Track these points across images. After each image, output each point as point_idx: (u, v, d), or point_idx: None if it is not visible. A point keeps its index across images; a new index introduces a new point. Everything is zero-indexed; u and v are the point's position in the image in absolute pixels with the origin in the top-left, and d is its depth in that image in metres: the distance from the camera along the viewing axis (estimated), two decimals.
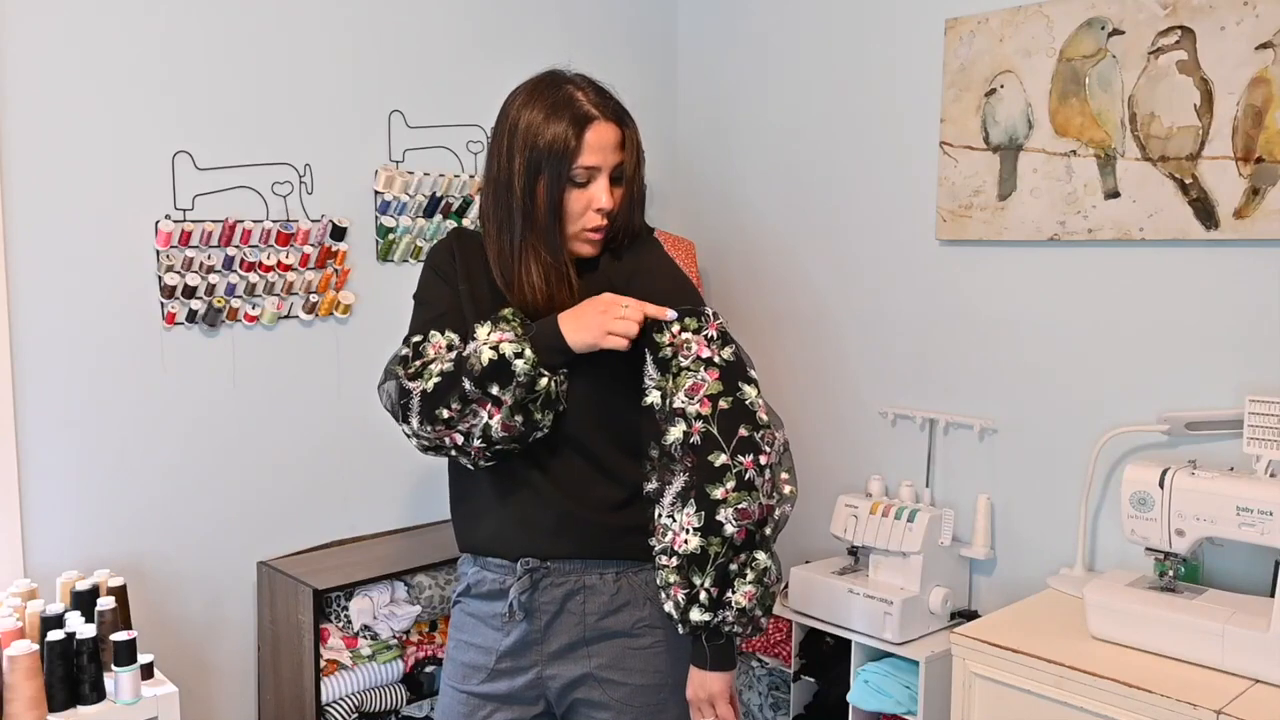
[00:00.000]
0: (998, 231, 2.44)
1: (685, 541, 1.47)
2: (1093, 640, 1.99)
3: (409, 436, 1.57)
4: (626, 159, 1.55)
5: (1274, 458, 1.91)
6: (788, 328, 2.92)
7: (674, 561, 1.48)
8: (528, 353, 1.48)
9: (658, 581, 1.53)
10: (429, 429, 1.52)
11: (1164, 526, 1.95)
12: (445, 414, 1.50)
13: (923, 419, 2.62)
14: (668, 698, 1.60)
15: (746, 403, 1.50)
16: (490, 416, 1.49)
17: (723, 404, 1.48)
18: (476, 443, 1.51)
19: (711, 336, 1.52)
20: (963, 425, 2.55)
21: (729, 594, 1.47)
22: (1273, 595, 1.83)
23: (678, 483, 1.50)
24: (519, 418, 1.49)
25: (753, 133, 2.97)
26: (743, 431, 1.48)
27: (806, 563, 2.63)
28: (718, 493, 1.46)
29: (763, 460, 1.48)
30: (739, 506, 1.46)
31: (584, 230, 1.55)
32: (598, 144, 1.51)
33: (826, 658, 2.52)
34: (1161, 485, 1.95)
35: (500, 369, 1.47)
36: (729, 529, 1.46)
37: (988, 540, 2.49)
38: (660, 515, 1.52)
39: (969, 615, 2.47)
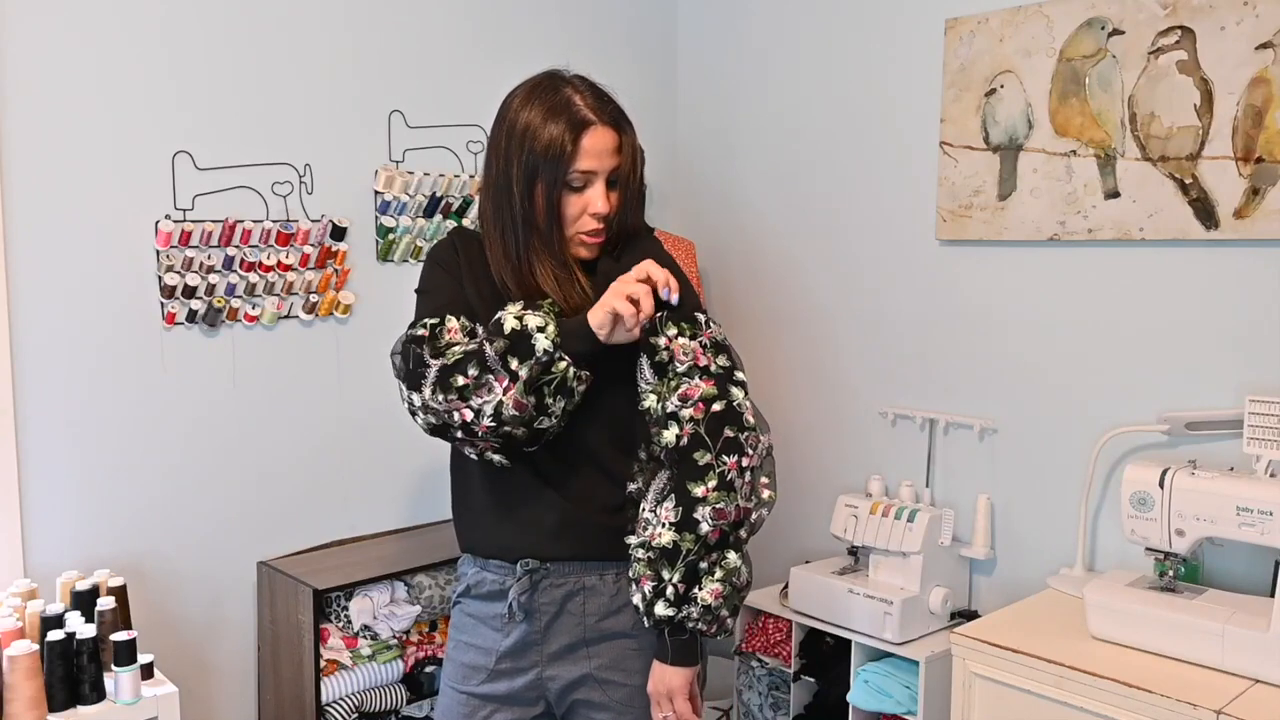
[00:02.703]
0: (998, 231, 2.44)
1: (659, 535, 1.48)
2: (1093, 640, 1.99)
3: (415, 413, 1.55)
4: (623, 163, 1.55)
5: (1274, 458, 1.91)
6: (788, 327, 2.92)
7: (647, 555, 1.50)
8: (550, 327, 1.47)
9: (630, 574, 1.54)
10: (441, 398, 1.49)
11: (1164, 526, 1.95)
12: (460, 381, 1.48)
13: (923, 419, 2.62)
14: None
15: (734, 404, 1.51)
16: (505, 392, 1.47)
17: (714, 406, 1.50)
18: (486, 421, 1.48)
19: (706, 344, 1.53)
20: (963, 425, 2.55)
21: (695, 590, 1.49)
22: (1273, 595, 1.83)
23: (660, 480, 1.52)
24: (531, 398, 1.47)
25: (753, 133, 2.97)
26: (728, 433, 1.49)
27: (806, 563, 2.63)
28: (698, 490, 1.47)
29: (745, 462, 1.49)
30: (717, 506, 1.47)
31: (580, 234, 1.55)
32: (594, 149, 1.51)
33: (826, 658, 2.52)
34: (1161, 485, 1.95)
35: (520, 340, 1.47)
36: (704, 527, 1.47)
37: (988, 540, 2.49)
38: (644, 511, 1.54)
39: (969, 615, 2.47)
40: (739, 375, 1.54)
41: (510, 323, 1.48)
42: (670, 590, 1.48)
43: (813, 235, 2.84)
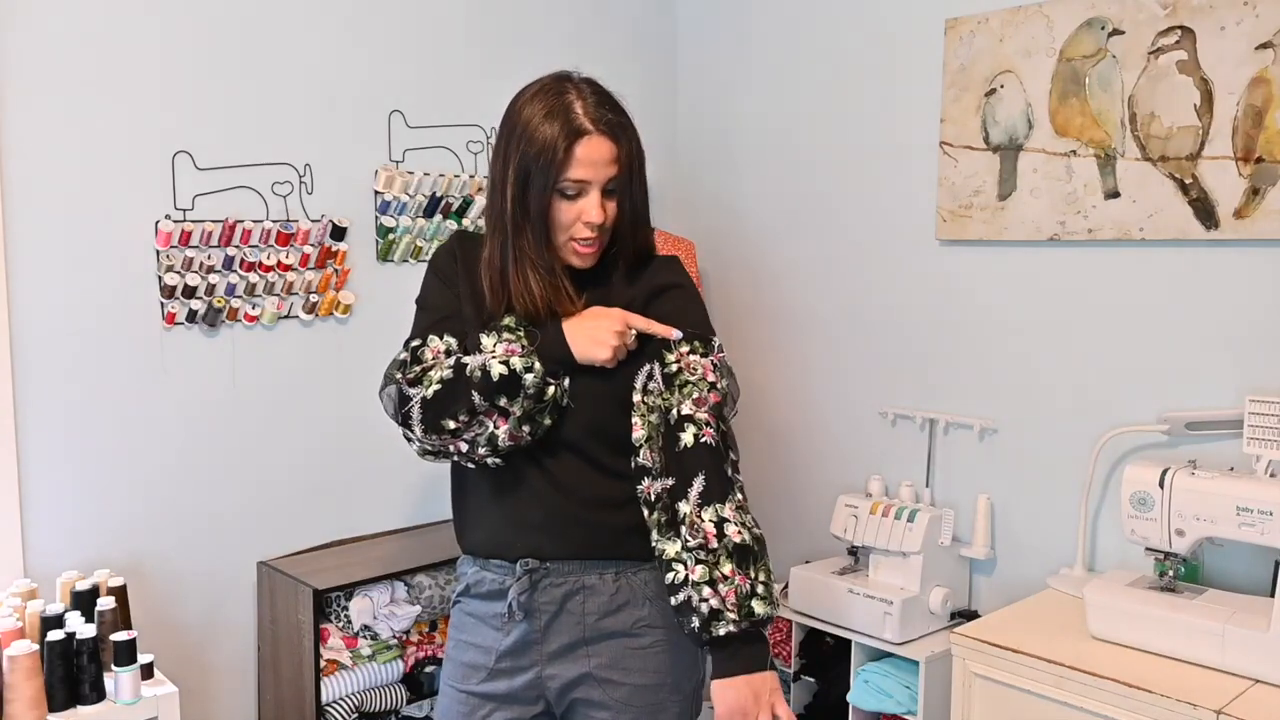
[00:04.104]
0: (998, 231, 2.44)
1: (738, 533, 1.46)
2: (1093, 640, 1.99)
3: (410, 441, 1.57)
4: (621, 173, 1.53)
5: (1274, 458, 1.91)
6: (788, 327, 2.92)
7: (717, 557, 1.44)
8: (537, 366, 1.48)
9: (696, 577, 1.45)
10: (434, 438, 1.52)
11: (1164, 526, 1.95)
12: (451, 425, 1.50)
13: (923, 419, 2.62)
14: (666, 698, 1.59)
15: (730, 433, 1.55)
16: (497, 427, 1.49)
17: (722, 426, 1.53)
18: (481, 450, 1.52)
19: (715, 364, 1.56)
20: (963, 425, 2.55)
21: (775, 588, 1.50)
22: (1273, 595, 1.83)
23: (699, 482, 1.48)
24: (526, 427, 1.50)
25: (753, 133, 2.97)
26: (732, 455, 1.54)
27: (806, 563, 2.63)
28: (739, 498, 1.50)
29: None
30: (750, 515, 1.51)
31: (572, 240, 1.54)
32: (587, 159, 1.49)
33: (826, 658, 2.52)
34: (1161, 485, 1.95)
35: (510, 383, 1.47)
36: (757, 531, 1.49)
37: (988, 540, 2.49)
38: (684, 512, 1.47)
39: (969, 615, 2.47)
40: (728, 412, 1.57)
41: (497, 369, 1.47)
42: (761, 588, 1.46)
43: (813, 235, 2.84)
